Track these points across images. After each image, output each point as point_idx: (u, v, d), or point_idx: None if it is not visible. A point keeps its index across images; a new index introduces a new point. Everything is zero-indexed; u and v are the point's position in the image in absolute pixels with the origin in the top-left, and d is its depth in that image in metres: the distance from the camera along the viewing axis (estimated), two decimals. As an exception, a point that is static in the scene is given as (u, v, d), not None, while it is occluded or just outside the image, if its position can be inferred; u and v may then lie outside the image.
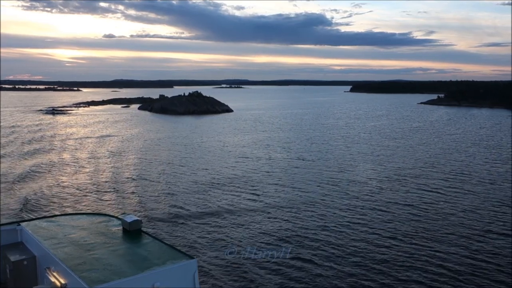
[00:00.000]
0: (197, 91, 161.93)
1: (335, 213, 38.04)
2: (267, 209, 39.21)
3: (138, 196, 43.81)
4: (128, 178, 51.92)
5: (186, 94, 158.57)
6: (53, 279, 12.05)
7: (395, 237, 32.28)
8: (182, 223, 35.41)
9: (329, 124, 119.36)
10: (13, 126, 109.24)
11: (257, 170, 56.07)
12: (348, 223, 35.38)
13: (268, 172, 55.31)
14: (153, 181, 50.30)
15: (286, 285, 24.58)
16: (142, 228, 14.35)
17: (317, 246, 30.35)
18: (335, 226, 34.67)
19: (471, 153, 69.63)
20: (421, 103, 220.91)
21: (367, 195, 44.22)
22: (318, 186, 48.03)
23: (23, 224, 15.29)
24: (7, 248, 14.19)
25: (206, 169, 57.01)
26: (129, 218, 14.36)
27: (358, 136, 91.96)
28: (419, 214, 37.73)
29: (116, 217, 15.85)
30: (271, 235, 32.48)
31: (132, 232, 14.05)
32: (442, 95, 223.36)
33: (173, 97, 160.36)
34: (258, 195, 44.04)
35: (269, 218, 36.81)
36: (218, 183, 48.83)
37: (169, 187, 47.30)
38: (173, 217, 36.94)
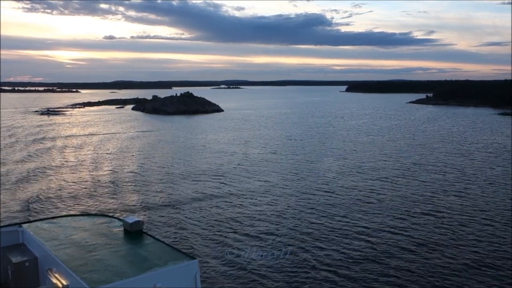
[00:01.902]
0: (188, 92, 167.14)
1: (287, 194, 43.07)
2: (229, 196, 44.28)
3: (124, 191, 48.87)
4: (113, 174, 57.02)
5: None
6: (54, 281, 12.17)
7: (332, 214, 37.26)
8: (162, 212, 40.46)
9: (311, 122, 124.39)
10: (8, 126, 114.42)
11: (230, 163, 61.04)
12: (296, 204, 40.38)
13: (239, 164, 60.24)
14: (131, 174, 55.36)
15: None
16: (143, 229, 14.68)
17: (258, 222, 35.40)
18: (284, 207, 39.66)
19: (433, 147, 74.55)
20: (410, 102, 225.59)
21: (322, 182, 49.22)
22: (280, 175, 53.05)
23: (24, 225, 15.45)
24: (8, 250, 14.31)
25: (183, 162, 62.06)
26: (130, 219, 14.53)
27: (335, 133, 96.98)
28: (359, 197, 42.72)
29: (118, 218, 16.11)
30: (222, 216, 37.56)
31: (133, 233, 14.18)
32: (430, 95, 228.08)
33: (165, 97, 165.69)
34: (225, 183, 49.07)
35: (227, 204, 41.87)
36: (192, 175, 53.95)
37: (145, 179, 52.39)
38: (147, 205, 42.01)
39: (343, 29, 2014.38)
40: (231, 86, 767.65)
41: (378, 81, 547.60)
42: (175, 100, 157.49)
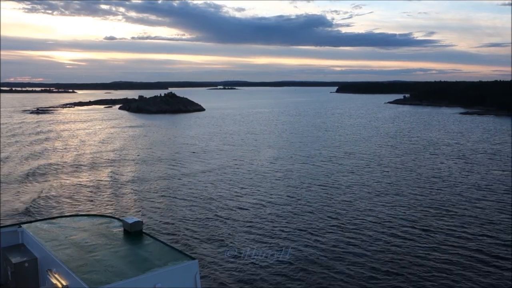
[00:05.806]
0: (171, 92, 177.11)
1: (225, 175, 52.64)
2: (181, 176, 53.73)
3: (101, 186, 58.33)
4: (90, 165, 66.57)
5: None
6: (54, 281, 12.21)
7: (254, 188, 46.73)
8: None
9: (279, 120, 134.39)
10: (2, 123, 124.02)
11: (184, 152, 70.41)
12: (229, 180, 49.95)
13: (194, 153, 69.65)
14: (104, 162, 64.81)
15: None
16: (143, 229, 14.78)
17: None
18: (224, 186, 49.07)
19: (371, 141, 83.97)
20: (388, 102, 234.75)
21: (257, 166, 58.88)
22: (225, 161, 62.58)
23: (24, 226, 15.51)
24: (8, 250, 14.39)
25: (143, 150, 71.64)
26: (130, 219, 14.63)
27: (294, 129, 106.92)
28: (278, 176, 52.22)
29: (117, 219, 16.26)
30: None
31: (133, 233, 14.30)
32: (408, 95, 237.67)
33: (149, 97, 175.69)
34: (174, 166, 58.57)
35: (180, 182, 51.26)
36: (144, 161, 63.61)
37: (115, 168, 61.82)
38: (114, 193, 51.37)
39: (344, 30, 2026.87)
40: (226, 87, 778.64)
41: (375, 82, 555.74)
42: (158, 100, 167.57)
